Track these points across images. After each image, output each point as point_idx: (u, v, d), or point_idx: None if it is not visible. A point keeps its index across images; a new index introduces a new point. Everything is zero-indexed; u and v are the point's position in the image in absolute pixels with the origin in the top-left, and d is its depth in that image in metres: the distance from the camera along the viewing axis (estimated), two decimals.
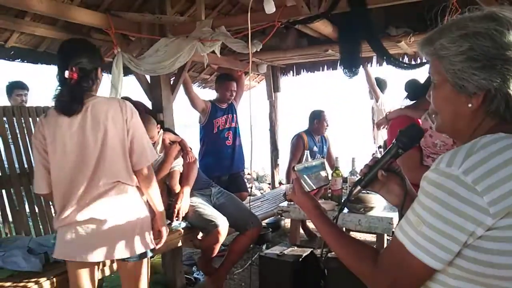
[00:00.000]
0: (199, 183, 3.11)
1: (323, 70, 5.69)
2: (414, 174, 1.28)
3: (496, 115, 0.81)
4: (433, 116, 0.92)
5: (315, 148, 4.27)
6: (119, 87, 3.05)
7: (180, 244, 2.92)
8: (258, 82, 6.39)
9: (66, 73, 1.78)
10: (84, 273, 1.94)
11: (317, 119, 4.32)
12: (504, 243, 0.71)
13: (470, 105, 0.81)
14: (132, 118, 1.90)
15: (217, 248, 2.95)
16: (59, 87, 1.83)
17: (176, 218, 2.85)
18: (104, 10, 3.16)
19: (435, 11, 2.67)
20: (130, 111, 1.90)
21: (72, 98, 1.79)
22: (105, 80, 2.21)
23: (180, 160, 3.02)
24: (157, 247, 2.09)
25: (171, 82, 3.62)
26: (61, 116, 1.82)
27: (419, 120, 2.24)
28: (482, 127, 0.82)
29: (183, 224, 2.93)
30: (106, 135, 1.83)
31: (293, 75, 6.01)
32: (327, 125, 4.38)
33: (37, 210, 2.73)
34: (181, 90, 3.72)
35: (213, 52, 3.26)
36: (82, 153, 1.84)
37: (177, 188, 2.94)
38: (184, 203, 2.89)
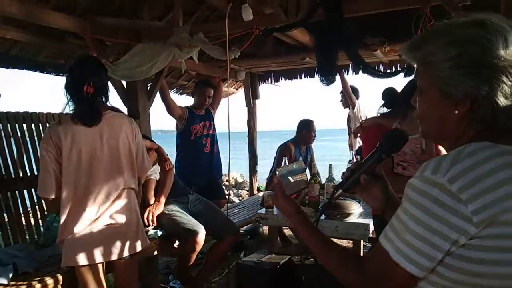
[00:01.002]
0: (175, 190, 3.07)
1: (300, 77, 5.74)
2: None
3: (481, 122, 0.80)
4: (418, 122, 0.91)
5: (300, 159, 4.26)
6: None
7: (156, 253, 2.86)
8: (237, 89, 6.40)
9: (84, 88, 1.96)
10: (96, 274, 2.05)
11: (305, 129, 4.32)
12: (486, 252, 0.71)
13: (456, 111, 0.80)
14: (138, 133, 2.22)
15: (194, 256, 2.91)
16: (77, 101, 2.01)
17: (151, 224, 2.81)
18: (79, 14, 3.10)
19: (410, 21, 2.74)
20: (136, 127, 2.23)
21: (92, 111, 2.01)
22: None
23: (156, 168, 2.97)
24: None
25: (148, 88, 3.58)
26: (78, 125, 2.00)
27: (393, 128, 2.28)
28: (467, 134, 0.81)
29: (159, 233, 2.88)
30: (119, 146, 2.09)
31: (271, 82, 6.04)
32: (315, 136, 4.39)
33: (6, 219, 2.64)
34: (157, 96, 3.68)
35: (191, 58, 3.24)
36: (97, 161, 2.03)
37: (152, 200, 2.90)
38: (158, 209, 2.85)
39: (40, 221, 2.86)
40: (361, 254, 2.92)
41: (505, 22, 0.78)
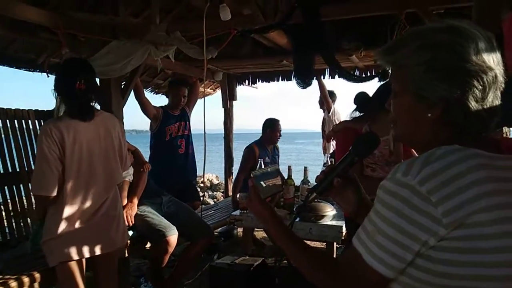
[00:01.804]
0: (148, 191, 3.02)
1: (278, 80, 5.76)
2: None
3: (453, 126, 0.81)
4: (392, 125, 0.92)
5: (267, 159, 4.23)
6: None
7: (127, 254, 2.80)
8: (214, 90, 6.36)
9: (77, 85, 2.05)
10: (81, 270, 2.12)
11: (270, 128, 4.28)
12: (455, 253, 0.72)
13: (429, 115, 0.81)
14: (124, 133, 2.40)
15: (166, 258, 2.86)
16: (69, 98, 2.10)
17: (129, 225, 2.76)
18: (52, 8, 3.00)
19: (385, 27, 2.79)
20: (123, 127, 2.41)
21: (87, 105, 2.12)
22: (52, 81, 2.22)
23: (130, 170, 2.92)
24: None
25: (122, 86, 3.50)
26: (77, 121, 2.08)
27: (362, 131, 2.33)
28: (439, 137, 0.83)
29: (131, 233, 2.82)
30: (114, 143, 2.24)
31: (249, 84, 6.04)
32: (280, 135, 4.36)
33: None
34: (132, 95, 3.60)
35: (167, 57, 3.19)
36: (97, 157, 2.15)
37: (125, 201, 2.84)
38: (132, 211, 2.79)
39: (5, 221, 2.75)
40: (334, 256, 2.95)
41: (476, 28, 0.80)
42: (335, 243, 2.90)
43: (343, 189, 1.09)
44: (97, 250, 2.14)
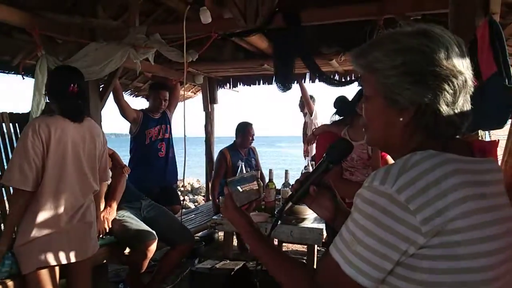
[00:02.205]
0: (127, 195, 2.97)
1: (259, 83, 5.77)
2: (334, 187, 1.30)
3: (425, 130, 0.81)
4: (364, 129, 0.92)
5: (240, 163, 4.19)
6: (43, 92, 2.84)
7: (105, 260, 2.75)
8: (195, 93, 6.32)
9: (70, 88, 2.11)
10: (54, 278, 2.07)
11: (241, 133, 4.27)
12: (435, 261, 0.72)
13: (401, 119, 0.81)
14: (106, 142, 2.44)
15: (146, 264, 2.81)
16: (62, 100, 2.14)
17: (106, 229, 2.71)
18: (28, 8, 2.93)
19: (364, 32, 2.83)
20: (105, 138, 2.43)
21: (78, 108, 2.17)
22: (28, 84, 2.19)
23: (108, 173, 2.87)
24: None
25: (100, 89, 3.44)
26: (67, 121, 2.12)
27: (341, 135, 2.36)
28: (411, 141, 0.83)
29: (108, 239, 2.76)
30: (96, 151, 2.28)
31: (230, 88, 6.03)
32: (253, 139, 4.34)
33: None
34: (111, 98, 3.55)
35: (147, 59, 3.16)
36: (79, 161, 2.17)
37: (102, 204, 2.78)
38: (110, 216, 2.74)
39: None
40: (315, 259, 2.96)
41: (446, 33, 0.81)
42: (316, 246, 2.91)
43: (319, 196, 1.08)
44: (73, 257, 2.11)
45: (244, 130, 4.27)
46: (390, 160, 2.45)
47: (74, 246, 2.12)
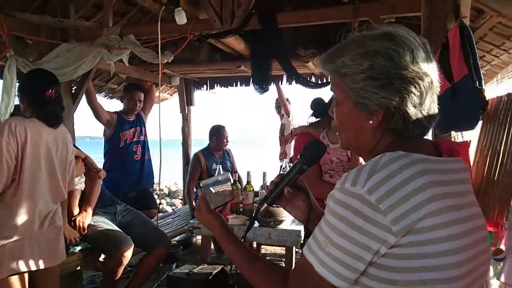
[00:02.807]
0: (102, 200, 2.91)
1: (236, 85, 5.76)
2: (314, 189, 1.30)
3: (394, 132, 0.83)
4: (337, 133, 0.92)
5: (215, 166, 4.12)
6: (12, 94, 2.75)
7: (79, 267, 2.67)
8: (171, 95, 6.25)
9: (47, 92, 2.10)
10: (24, 284, 2.03)
11: (215, 136, 4.23)
12: (405, 260, 0.72)
13: (370, 122, 0.82)
14: (73, 148, 2.40)
15: (121, 270, 2.76)
16: (39, 104, 2.10)
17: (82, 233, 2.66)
18: None
19: (339, 34, 2.86)
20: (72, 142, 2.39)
21: (55, 112, 2.15)
22: None
23: (82, 178, 2.79)
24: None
25: (73, 91, 3.36)
26: (42, 125, 2.08)
27: (320, 137, 2.37)
28: (381, 143, 0.84)
29: (80, 247, 2.69)
30: (67, 157, 2.25)
31: (207, 89, 5.99)
32: (227, 141, 4.32)
33: None
34: (84, 100, 3.46)
35: (121, 60, 3.10)
36: (51, 166, 2.14)
37: (76, 210, 2.71)
38: (86, 220, 2.67)
39: None
40: (294, 260, 2.96)
41: (411, 34, 0.82)
42: (294, 248, 2.91)
43: (294, 198, 1.08)
44: (43, 263, 2.05)
45: (218, 133, 4.25)
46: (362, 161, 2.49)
47: (45, 252, 2.07)
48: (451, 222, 0.74)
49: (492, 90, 3.41)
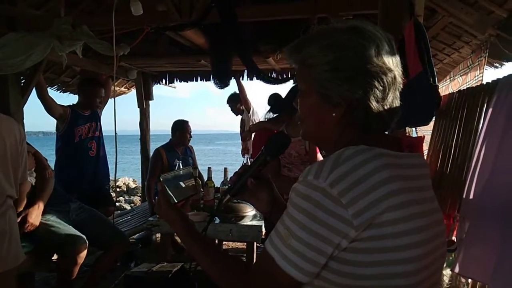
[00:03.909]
0: (54, 198, 2.76)
1: (196, 80, 5.68)
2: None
3: (356, 125, 0.83)
4: (299, 123, 0.92)
5: (176, 162, 4.03)
6: None
7: (31, 268, 2.54)
8: (128, 89, 6.07)
9: None
10: None
11: (179, 131, 4.14)
12: (367, 254, 0.72)
13: (333, 114, 0.82)
14: (25, 138, 2.13)
15: (76, 270, 2.65)
16: None
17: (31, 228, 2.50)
18: None
19: (299, 30, 2.88)
20: (23, 133, 2.15)
21: None
22: None
23: (32, 173, 2.64)
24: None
25: (22, 84, 3.17)
26: None
27: None
28: (344, 136, 0.84)
29: (28, 247, 2.54)
30: (8, 150, 1.96)
31: (166, 83, 5.87)
32: (190, 136, 4.24)
33: None
34: (34, 94, 3.28)
35: (74, 52, 2.96)
36: None
37: (23, 202, 2.53)
38: (36, 216, 2.52)
39: None
40: (255, 256, 2.96)
41: (377, 30, 0.82)
42: (255, 243, 2.91)
43: (257, 190, 1.08)
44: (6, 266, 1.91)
45: (182, 127, 4.15)
46: (319, 154, 2.52)
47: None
48: (411, 216, 0.75)
49: (445, 88, 3.56)
